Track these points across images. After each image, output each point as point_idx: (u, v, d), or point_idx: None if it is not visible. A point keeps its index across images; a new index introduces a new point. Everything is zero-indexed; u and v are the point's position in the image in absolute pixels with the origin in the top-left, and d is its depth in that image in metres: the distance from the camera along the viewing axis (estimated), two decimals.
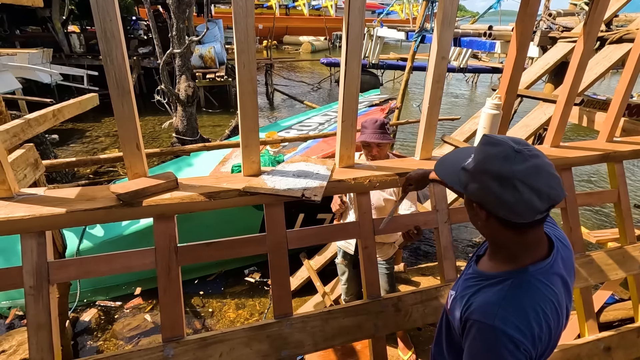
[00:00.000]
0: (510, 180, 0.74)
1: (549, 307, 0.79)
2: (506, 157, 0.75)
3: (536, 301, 0.79)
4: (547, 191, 0.74)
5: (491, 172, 0.76)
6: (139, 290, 3.07)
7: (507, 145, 0.76)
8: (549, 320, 0.79)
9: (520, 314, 0.78)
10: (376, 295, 1.53)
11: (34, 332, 1.18)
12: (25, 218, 1.12)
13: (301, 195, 1.33)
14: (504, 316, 0.78)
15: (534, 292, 0.80)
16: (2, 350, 2.44)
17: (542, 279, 0.81)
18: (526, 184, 0.73)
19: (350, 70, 1.36)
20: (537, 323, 0.78)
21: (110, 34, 1.09)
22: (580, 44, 1.69)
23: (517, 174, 0.74)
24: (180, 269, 1.32)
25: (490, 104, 1.60)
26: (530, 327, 0.77)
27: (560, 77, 3.51)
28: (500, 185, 0.75)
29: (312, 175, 1.46)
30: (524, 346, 0.76)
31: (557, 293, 0.81)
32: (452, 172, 0.88)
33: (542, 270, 0.82)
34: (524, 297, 0.80)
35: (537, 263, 0.83)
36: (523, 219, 0.76)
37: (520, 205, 0.75)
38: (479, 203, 0.81)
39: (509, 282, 0.82)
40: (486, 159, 0.78)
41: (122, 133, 1.22)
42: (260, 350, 1.36)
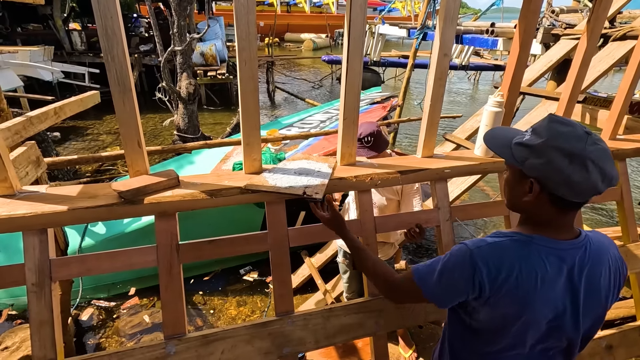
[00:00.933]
0: (582, 160, 0.76)
1: (528, 272, 0.82)
2: (579, 137, 0.77)
3: (518, 259, 0.84)
4: (610, 174, 0.77)
5: (563, 149, 0.78)
6: (134, 290, 3.07)
7: (578, 126, 0.79)
8: (520, 281, 0.82)
9: (498, 258, 0.84)
10: (377, 294, 1.53)
11: (36, 329, 1.18)
12: (27, 215, 1.12)
13: (302, 193, 1.33)
14: (485, 251, 0.86)
15: (523, 251, 0.85)
16: (5, 347, 2.45)
17: (540, 250, 0.85)
18: (597, 164, 0.76)
19: (352, 68, 1.36)
20: (507, 272, 0.82)
21: (111, 31, 1.09)
22: (583, 41, 1.67)
23: (590, 154, 0.76)
24: (181, 266, 1.33)
25: (493, 101, 1.59)
26: (496, 270, 0.83)
27: (563, 74, 3.49)
28: (571, 162, 0.77)
29: (314, 173, 1.46)
30: (479, 278, 0.84)
31: (549, 271, 0.84)
32: (503, 145, 0.89)
33: (547, 245, 0.85)
34: (511, 250, 0.85)
35: (549, 238, 0.85)
36: (580, 198, 0.80)
37: (584, 185, 0.77)
38: (537, 178, 0.82)
39: (511, 237, 0.87)
40: (557, 135, 0.79)
41: (123, 131, 1.22)
42: (262, 347, 1.36)
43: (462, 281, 0.86)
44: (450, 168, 1.59)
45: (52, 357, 1.19)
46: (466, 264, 0.86)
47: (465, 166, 1.63)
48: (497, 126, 1.10)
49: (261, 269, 3.41)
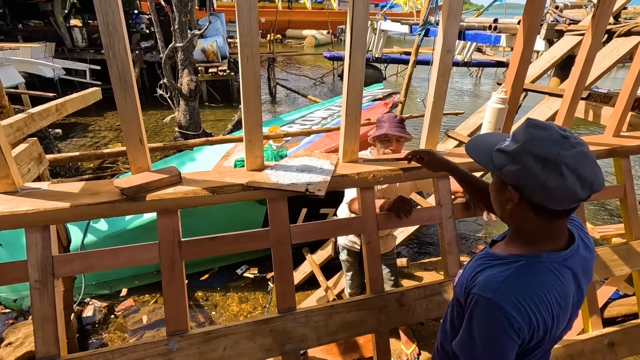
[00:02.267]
0: (556, 165, 0.73)
1: (553, 297, 0.78)
2: (554, 141, 0.74)
3: (541, 287, 0.79)
4: (590, 179, 0.73)
5: (536, 154, 0.74)
6: (125, 291, 3.07)
7: (554, 129, 0.75)
8: (550, 309, 0.78)
9: (521, 294, 0.78)
10: (379, 291, 1.53)
11: (39, 326, 1.19)
12: (29, 212, 1.12)
13: (305, 190, 1.32)
14: (504, 292, 0.78)
15: (542, 277, 0.80)
16: (8, 343, 2.47)
17: (553, 268, 0.80)
18: (572, 169, 0.72)
19: (354, 64, 1.35)
20: (537, 308, 0.77)
21: (112, 28, 1.08)
22: (588, 36, 1.66)
23: (564, 159, 0.72)
24: (184, 263, 1.33)
25: (496, 98, 1.58)
26: (528, 310, 0.77)
27: (567, 70, 3.47)
28: (544, 168, 0.73)
29: (316, 170, 1.45)
30: (517, 324, 0.77)
31: (566, 286, 0.81)
32: (484, 152, 0.86)
33: (556, 260, 0.81)
34: (529, 280, 0.80)
35: (553, 252, 0.82)
36: (560, 206, 0.76)
37: (561, 191, 0.74)
38: (514, 186, 0.79)
39: (518, 264, 0.81)
40: (532, 140, 0.76)
41: (125, 127, 1.22)
42: (263, 344, 1.36)
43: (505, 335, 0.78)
44: None
45: (55, 353, 1.20)
46: (495, 317, 0.78)
47: (467, 163, 1.61)
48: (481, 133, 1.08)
49: (261, 266, 3.42)
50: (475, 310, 0.82)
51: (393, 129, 1.81)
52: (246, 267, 3.40)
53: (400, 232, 2.94)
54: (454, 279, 1.63)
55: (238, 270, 3.35)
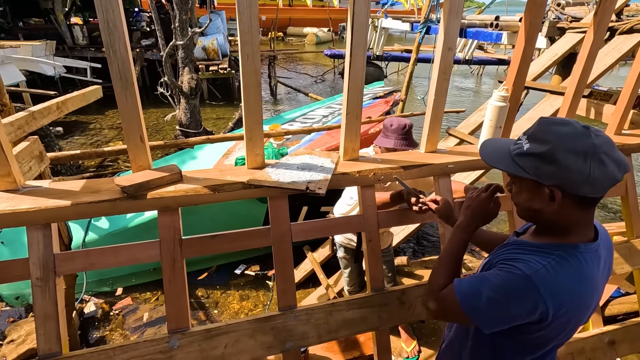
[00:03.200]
0: (596, 155, 0.74)
1: (589, 287, 0.82)
2: (583, 134, 0.76)
3: (579, 277, 0.81)
4: (622, 160, 0.76)
5: (573, 149, 0.75)
6: (121, 290, 3.08)
7: (574, 123, 0.78)
8: (583, 298, 0.81)
9: (555, 279, 0.79)
10: (380, 289, 1.53)
11: (41, 323, 1.19)
12: (30, 210, 1.12)
13: (305, 188, 1.32)
14: (545, 276, 0.79)
15: (580, 268, 0.82)
16: (10, 340, 2.48)
17: (589, 258, 0.83)
18: (610, 156, 0.75)
19: (355, 62, 1.34)
20: (570, 298, 0.80)
21: (112, 25, 1.08)
22: (590, 34, 1.65)
23: (600, 148, 0.75)
24: (184, 261, 1.33)
25: (497, 95, 1.58)
26: (561, 300, 0.79)
27: (569, 68, 3.46)
28: (586, 160, 0.74)
29: (317, 168, 1.45)
30: (542, 308, 0.78)
31: (598, 275, 0.84)
32: (503, 158, 0.85)
33: (591, 251, 0.84)
34: (569, 270, 0.81)
35: (587, 243, 0.84)
36: (602, 192, 0.78)
37: (605, 178, 0.75)
38: (557, 185, 0.78)
39: (557, 252, 0.82)
40: (562, 137, 0.77)
41: (125, 125, 1.22)
42: (264, 341, 1.37)
43: (520, 310, 0.80)
44: (454, 163, 1.58)
45: (57, 351, 1.20)
46: (526, 293, 0.78)
47: (469, 161, 1.62)
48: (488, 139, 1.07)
49: (263, 263, 3.42)
50: (507, 276, 0.81)
51: (400, 143, 1.83)
52: (245, 267, 3.40)
53: (401, 230, 2.94)
54: None
55: (237, 271, 3.35)
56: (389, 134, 1.86)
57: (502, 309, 0.81)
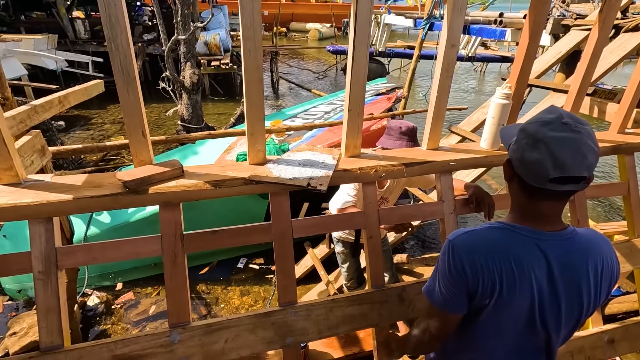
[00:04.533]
0: (538, 142, 0.79)
1: (507, 258, 0.84)
2: (549, 123, 0.79)
3: (498, 243, 0.86)
4: (565, 161, 0.77)
5: (528, 131, 0.82)
6: (120, 285, 3.09)
7: (558, 114, 0.81)
8: (499, 265, 0.83)
9: (472, 241, 0.87)
10: (380, 285, 1.54)
11: (43, 316, 1.20)
12: (32, 204, 1.12)
13: (307, 185, 1.32)
14: (464, 238, 0.89)
15: (504, 237, 0.87)
16: (13, 333, 2.50)
17: (520, 238, 0.86)
18: (549, 148, 0.77)
19: (357, 58, 1.34)
20: (484, 257, 0.84)
21: (114, 19, 1.07)
22: (595, 31, 1.64)
23: (546, 139, 0.78)
24: (186, 256, 1.33)
25: (500, 93, 1.57)
26: (473, 253, 0.85)
27: (572, 66, 3.43)
28: (529, 144, 0.81)
29: (318, 165, 1.45)
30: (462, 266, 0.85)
31: (528, 260, 0.84)
32: (509, 137, 0.92)
33: (527, 233, 0.86)
34: (490, 236, 0.88)
35: (529, 228, 0.87)
36: (535, 182, 0.81)
37: (535, 166, 0.80)
38: (508, 160, 0.89)
39: (491, 225, 0.90)
40: (534, 120, 0.83)
41: (127, 120, 1.22)
42: (265, 337, 1.37)
43: (450, 273, 0.88)
44: (456, 161, 1.57)
45: (59, 344, 1.21)
46: (451, 258, 0.88)
47: (471, 159, 1.61)
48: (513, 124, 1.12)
49: (266, 257, 3.43)
50: (440, 253, 0.93)
51: (408, 145, 1.84)
52: (246, 260, 3.42)
53: None
54: None
55: (239, 265, 3.37)
56: (395, 136, 1.85)
57: (448, 282, 0.89)
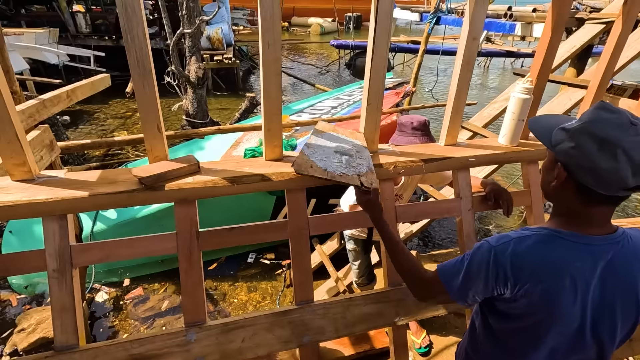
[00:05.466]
0: (613, 148, 0.71)
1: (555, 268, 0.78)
2: (619, 125, 0.72)
3: (545, 253, 0.80)
4: None
5: (595, 134, 0.73)
6: (128, 281, 3.07)
7: (624, 114, 0.73)
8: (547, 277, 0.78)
9: (520, 250, 0.81)
10: (397, 283, 1.51)
11: (58, 315, 1.18)
12: (47, 201, 1.09)
13: (360, 185, 1.20)
14: (506, 247, 0.82)
15: (549, 245, 0.80)
16: (21, 329, 2.49)
17: (569, 245, 0.80)
18: (628, 155, 0.70)
19: (378, 50, 1.30)
20: (532, 268, 0.79)
21: (131, 10, 1.04)
22: (618, 24, 1.59)
23: (623, 143, 0.71)
24: (201, 253, 1.31)
25: (521, 88, 1.53)
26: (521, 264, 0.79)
27: (584, 60, 3.39)
28: (600, 149, 0.72)
29: (353, 153, 1.34)
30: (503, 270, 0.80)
31: (579, 269, 0.79)
32: (546, 129, 0.85)
33: (576, 240, 0.80)
34: (536, 243, 0.81)
35: (578, 233, 0.80)
36: (606, 190, 0.75)
37: (611, 175, 0.72)
38: (564, 162, 0.79)
39: (536, 232, 0.83)
40: (596, 121, 0.75)
41: (143, 115, 1.18)
42: (282, 335, 1.35)
43: (486, 281, 0.83)
44: (475, 157, 1.54)
45: (74, 343, 1.19)
46: (490, 263, 0.82)
47: (489, 155, 1.58)
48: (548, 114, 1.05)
49: (277, 252, 3.41)
50: (474, 250, 0.87)
51: (423, 139, 1.80)
52: (256, 255, 3.40)
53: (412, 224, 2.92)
54: None
55: (249, 259, 3.35)
56: (407, 132, 1.82)
57: (473, 280, 0.85)
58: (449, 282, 0.91)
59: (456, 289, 0.89)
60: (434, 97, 7.13)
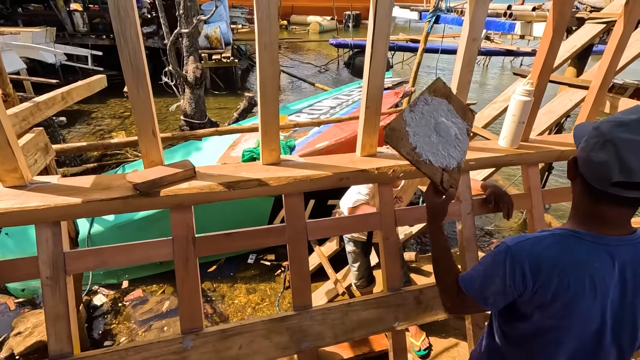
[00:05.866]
0: (607, 142, 0.73)
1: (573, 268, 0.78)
2: (625, 124, 0.73)
3: (563, 252, 0.79)
4: (633, 167, 0.70)
5: (601, 130, 0.76)
6: (127, 283, 3.04)
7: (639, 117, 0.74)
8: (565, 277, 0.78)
9: (536, 249, 0.81)
10: (397, 288, 1.50)
11: (52, 323, 1.16)
12: (40, 208, 1.07)
13: (439, 181, 0.98)
14: (524, 246, 0.82)
15: (566, 245, 0.80)
16: (17, 332, 2.47)
17: (587, 245, 0.79)
18: (617, 150, 0.71)
19: (376, 53, 1.27)
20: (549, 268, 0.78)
21: (124, 12, 1.01)
22: (620, 24, 1.57)
23: (617, 140, 0.72)
24: (198, 259, 1.29)
25: (522, 90, 1.51)
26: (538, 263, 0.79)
27: (584, 60, 3.36)
28: (598, 143, 0.75)
29: (452, 138, 1.07)
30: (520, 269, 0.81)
31: (597, 269, 0.78)
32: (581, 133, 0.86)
33: (594, 240, 0.80)
34: (553, 243, 0.81)
35: (595, 233, 0.80)
36: (596, 184, 0.76)
37: (599, 167, 0.74)
38: (574, 158, 0.83)
39: (553, 232, 0.84)
40: (609, 119, 0.77)
41: (137, 119, 1.16)
42: (279, 342, 1.33)
43: (503, 281, 0.83)
44: (476, 160, 1.52)
45: (68, 351, 1.17)
46: (506, 263, 0.82)
47: (490, 158, 1.56)
48: None
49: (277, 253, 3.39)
50: (492, 251, 0.88)
51: None
52: (256, 256, 3.38)
53: None
54: None
55: (249, 260, 3.33)
56: None
57: (491, 281, 0.86)
58: (468, 286, 0.91)
59: (477, 292, 0.89)
60: None
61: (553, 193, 1.76)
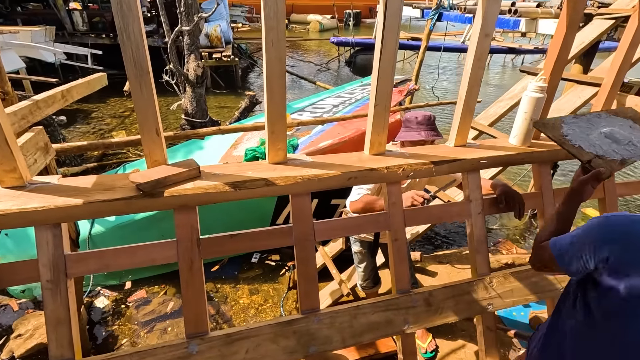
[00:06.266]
0: None
1: None
2: None
3: None
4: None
5: None
6: (129, 284, 3.01)
7: None
8: None
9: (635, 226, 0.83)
10: (406, 290, 1.46)
11: (52, 328, 1.12)
12: (39, 209, 1.03)
13: (587, 161, 1.12)
14: (620, 216, 0.86)
15: None
16: (18, 334, 2.44)
17: None
18: None
19: (386, 50, 1.24)
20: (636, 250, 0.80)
21: (127, 7, 0.97)
22: (634, 19, 1.53)
23: None
24: (202, 262, 1.25)
25: (534, 86, 1.47)
26: (630, 236, 0.81)
27: (590, 57, 3.32)
28: None
29: (625, 143, 1.20)
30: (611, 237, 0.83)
31: None
32: None
33: None
34: None
35: None
36: None
37: None
38: None
39: None
40: None
41: (140, 118, 1.12)
42: (287, 346, 1.30)
43: (592, 244, 0.85)
44: (487, 158, 1.48)
45: (69, 357, 1.14)
46: (600, 228, 0.86)
47: (502, 156, 1.52)
48: None
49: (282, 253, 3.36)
50: (591, 219, 0.90)
51: (430, 133, 1.74)
52: (259, 256, 3.34)
53: None
54: (484, 278, 1.55)
55: (253, 259, 3.30)
56: (414, 127, 1.76)
57: (580, 242, 0.88)
58: (558, 247, 0.95)
59: (562, 251, 0.93)
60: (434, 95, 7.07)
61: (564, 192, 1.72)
